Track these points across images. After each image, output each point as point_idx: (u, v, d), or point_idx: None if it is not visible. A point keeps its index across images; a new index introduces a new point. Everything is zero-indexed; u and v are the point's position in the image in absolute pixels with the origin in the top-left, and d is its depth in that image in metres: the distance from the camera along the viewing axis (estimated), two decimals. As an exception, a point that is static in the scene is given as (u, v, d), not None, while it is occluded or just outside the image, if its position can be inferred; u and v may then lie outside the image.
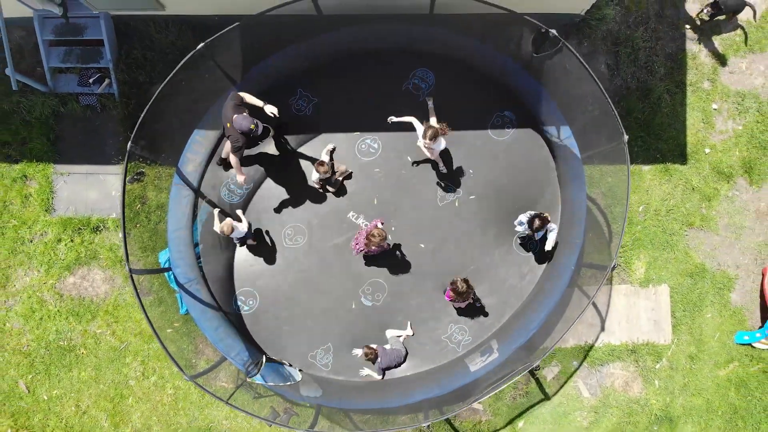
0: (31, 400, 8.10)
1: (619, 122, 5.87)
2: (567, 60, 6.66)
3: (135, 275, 6.05)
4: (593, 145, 6.74)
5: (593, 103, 7.34)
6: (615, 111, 5.87)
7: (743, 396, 7.98)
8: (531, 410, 7.75)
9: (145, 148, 7.41)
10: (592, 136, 7.05)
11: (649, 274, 7.86)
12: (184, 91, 7.12)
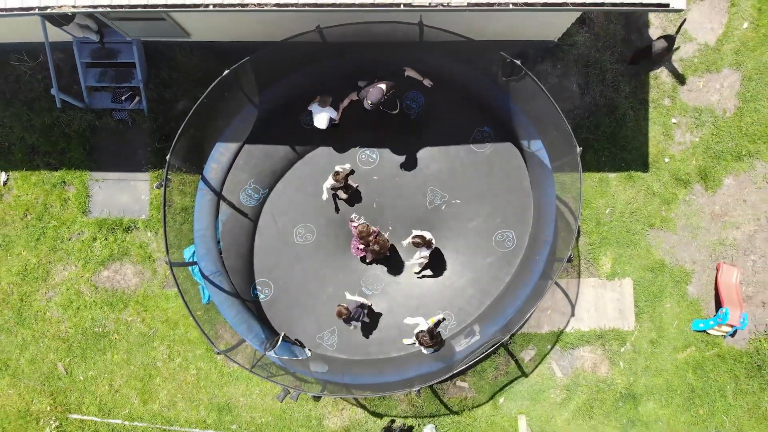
0: (69, 380, 9.49)
1: (572, 137, 7.24)
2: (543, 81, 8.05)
3: (174, 267, 7.41)
4: (563, 155, 8.10)
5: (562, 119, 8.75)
6: (569, 127, 7.24)
7: (699, 377, 9.35)
8: (510, 388, 9.14)
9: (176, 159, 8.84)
10: (563, 147, 8.42)
11: (615, 269, 9.25)
12: (205, 108, 8.49)
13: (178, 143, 7.48)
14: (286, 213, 8.67)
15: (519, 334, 9.12)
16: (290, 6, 6.21)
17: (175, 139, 7.44)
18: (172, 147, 7.40)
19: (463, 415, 9.13)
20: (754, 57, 9.51)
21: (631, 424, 9.27)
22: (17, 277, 9.50)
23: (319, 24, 7.20)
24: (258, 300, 8.56)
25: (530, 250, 8.30)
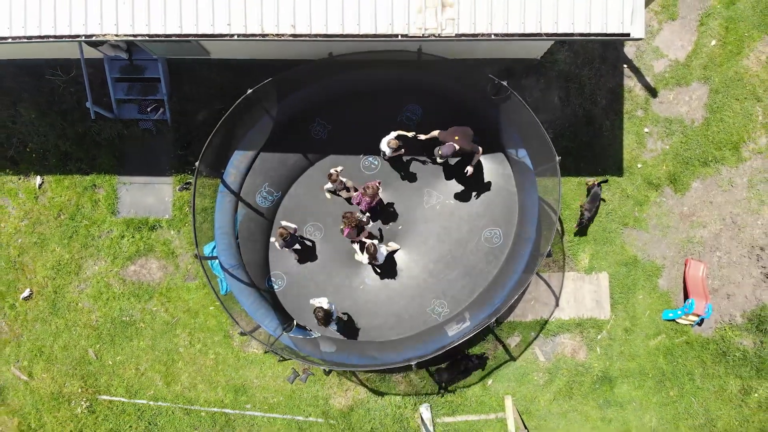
0: (99, 365, 10.70)
1: (552, 147, 8.46)
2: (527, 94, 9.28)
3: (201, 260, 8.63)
4: (544, 162, 9.30)
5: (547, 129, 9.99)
6: (549, 139, 8.46)
7: (669, 362, 10.58)
8: (498, 371, 10.36)
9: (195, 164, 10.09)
10: (545, 155, 9.63)
11: (592, 264, 10.47)
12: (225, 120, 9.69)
13: (204, 154, 8.69)
14: (297, 213, 9.89)
15: (506, 322, 10.36)
16: (304, 36, 7.43)
17: (203, 150, 8.66)
18: (200, 156, 8.61)
19: (456, 396, 10.35)
20: (721, 72, 10.74)
21: (607, 404, 10.49)
22: (52, 271, 10.72)
23: (331, 51, 8.41)
24: (273, 290, 9.80)
25: (515, 246, 9.53)
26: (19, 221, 10.80)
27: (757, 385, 10.60)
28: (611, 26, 7.47)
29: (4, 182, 10.84)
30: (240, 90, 9.25)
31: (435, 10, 7.32)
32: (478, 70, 8.80)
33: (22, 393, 10.85)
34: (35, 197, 10.77)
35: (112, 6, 7.48)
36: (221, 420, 10.50)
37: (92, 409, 10.68)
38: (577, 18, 7.43)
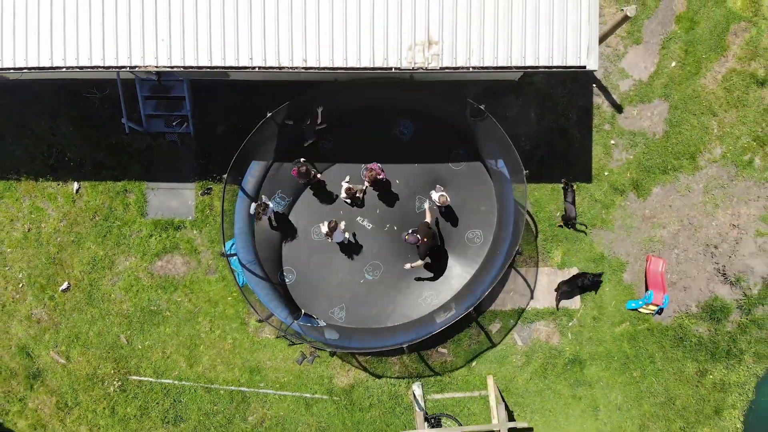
0: (129, 349, 12.40)
1: (520, 162, 10.14)
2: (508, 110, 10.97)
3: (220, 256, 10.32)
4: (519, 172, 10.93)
5: (523, 143, 11.73)
6: (517, 153, 10.14)
7: (633, 346, 12.27)
8: (481, 354, 12.07)
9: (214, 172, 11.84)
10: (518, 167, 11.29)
11: (564, 260, 12.18)
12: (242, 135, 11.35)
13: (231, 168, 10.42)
14: (306, 216, 11.60)
15: (487, 311, 12.06)
16: (314, 68, 9.12)
17: (230, 164, 10.41)
18: (229, 166, 10.31)
19: (444, 376, 12.07)
20: (680, 90, 12.42)
21: (577, 383, 12.19)
22: (87, 267, 12.42)
23: (336, 78, 10.10)
24: (284, 283, 11.51)
25: (494, 245, 11.22)
26: (58, 222, 12.51)
27: (712, 367, 12.29)
28: (570, 60, 9.16)
29: (45, 187, 12.54)
30: (255, 107, 10.99)
31: (422, 47, 9.01)
32: (460, 93, 10.49)
33: (59, 375, 12.54)
34: (73, 201, 12.47)
35: (152, 42, 9.18)
36: (238, 397, 12.21)
37: (123, 388, 12.38)
38: (541, 53, 9.12)
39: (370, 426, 12.05)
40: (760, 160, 12.45)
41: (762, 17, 12.61)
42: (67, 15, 9.27)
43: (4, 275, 12.60)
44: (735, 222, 12.34)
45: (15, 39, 9.40)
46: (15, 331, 12.58)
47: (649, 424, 12.32)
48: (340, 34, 9.01)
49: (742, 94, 12.42)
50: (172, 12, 9.10)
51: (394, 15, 8.99)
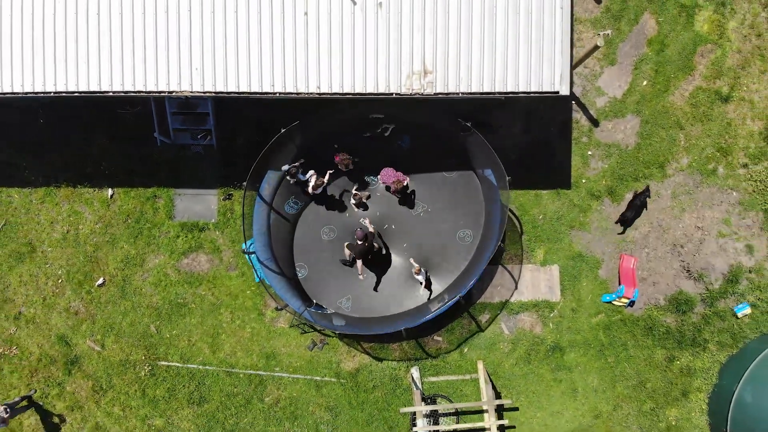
0: (158, 337, 14.19)
1: (503, 170, 11.90)
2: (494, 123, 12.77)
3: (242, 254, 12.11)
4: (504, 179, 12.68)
5: (510, 154, 13.51)
6: (501, 163, 11.90)
7: (607, 335, 14.03)
8: (471, 341, 13.85)
9: (235, 179, 13.62)
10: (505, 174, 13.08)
11: (546, 258, 13.95)
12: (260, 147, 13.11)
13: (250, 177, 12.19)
14: (316, 219, 13.40)
15: (477, 303, 13.86)
16: (326, 94, 10.90)
17: (249, 173, 12.20)
18: (248, 176, 12.10)
19: (439, 361, 13.86)
20: (651, 106, 14.17)
21: (558, 368, 13.96)
22: (121, 264, 14.21)
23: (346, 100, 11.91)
24: (297, 278, 13.31)
25: (482, 244, 13.01)
26: (94, 224, 14.30)
27: (679, 354, 14.05)
28: (545, 86, 10.93)
29: (82, 193, 14.34)
30: (271, 123, 12.77)
31: (419, 76, 10.79)
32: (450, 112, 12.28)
33: (95, 361, 14.34)
34: (107, 205, 14.26)
35: (188, 72, 10.97)
36: (255, 380, 14.00)
37: (153, 372, 14.17)
38: (521, 81, 10.90)
39: (374, 405, 13.85)
40: (723, 169, 14.20)
41: (726, 39, 14.35)
42: (113, 48, 11.04)
43: (45, 272, 14.40)
44: (699, 224, 14.10)
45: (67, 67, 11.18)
46: (55, 322, 14.38)
47: (623, 404, 14.08)
48: (349, 65, 10.79)
49: (707, 109, 14.16)
50: (205, 46, 10.89)
51: (395, 49, 10.78)
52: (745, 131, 14.16)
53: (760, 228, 14.07)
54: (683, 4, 14.30)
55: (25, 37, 11.19)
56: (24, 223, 14.43)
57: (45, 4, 11.11)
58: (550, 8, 10.77)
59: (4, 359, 14.51)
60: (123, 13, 10.97)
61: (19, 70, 11.28)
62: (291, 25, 10.78)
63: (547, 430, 13.99)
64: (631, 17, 14.25)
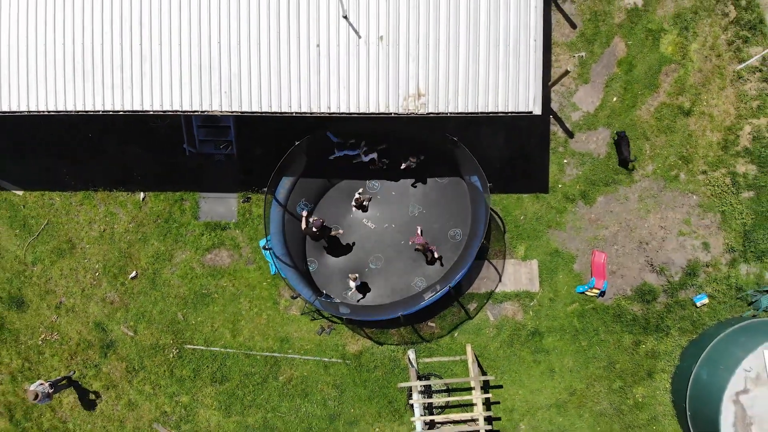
0: (185, 324, 16.46)
1: (485, 177, 14.16)
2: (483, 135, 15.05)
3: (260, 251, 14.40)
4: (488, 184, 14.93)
5: (494, 162, 15.78)
6: (483, 171, 14.17)
7: (581, 322, 16.30)
8: (461, 326, 16.14)
9: (253, 184, 15.89)
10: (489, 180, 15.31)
11: (526, 254, 16.24)
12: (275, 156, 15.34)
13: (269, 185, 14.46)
14: (325, 218, 15.68)
15: (466, 293, 16.14)
16: (335, 113, 13.16)
17: (269, 180, 14.49)
18: (268, 183, 14.37)
19: (432, 344, 16.16)
20: (620, 120, 16.44)
21: (537, 350, 16.24)
22: (152, 259, 16.48)
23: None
24: (309, 271, 15.60)
25: (469, 241, 15.28)
26: (128, 224, 16.57)
27: (644, 339, 16.30)
28: (521, 107, 13.20)
29: (117, 197, 16.60)
30: (285, 135, 15.03)
31: (414, 98, 13.07)
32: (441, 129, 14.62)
33: (128, 345, 16.60)
34: (139, 207, 16.53)
35: (218, 95, 13.25)
36: (271, 361, 16.28)
37: (180, 355, 16.44)
38: (500, 103, 13.18)
39: (375, 383, 16.13)
40: (684, 175, 16.46)
41: (689, 60, 16.61)
42: (153, 74, 13.32)
43: (83, 266, 16.68)
44: (662, 224, 16.37)
45: (114, 91, 13.45)
46: (92, 311, 16.65)
47: (595, 383, 16.33)
48: (354, 88, 13.07)
49: (670, 122, 16.44)
50: (232, 72, 13.16)
51: (393, 75, 13.05)
52: (705, 142, 16.43)
53: (717, 228, 16.35)
54: (650, 29, 16.57)
55: (77, 64, 13.44)
56: (65, 222, 16.70)
57: (94, 37, 13.34)
58: (525, 41, 13.04)
59: (46, 344, 16.78)
60: (162, 44, 13.23)
61: (71, 92, 13.54)
62: (306, 55, 13.05)
63: (527, 405, 16.28)
64: (603, 41, 16.53)
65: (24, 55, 13.51)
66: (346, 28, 12.94)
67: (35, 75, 13.54)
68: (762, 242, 16.20)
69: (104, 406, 16.71)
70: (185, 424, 16.49)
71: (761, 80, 16.41)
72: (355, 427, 16.21)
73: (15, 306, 16.72)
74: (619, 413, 16.25)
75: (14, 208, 16.76)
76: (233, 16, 13.04)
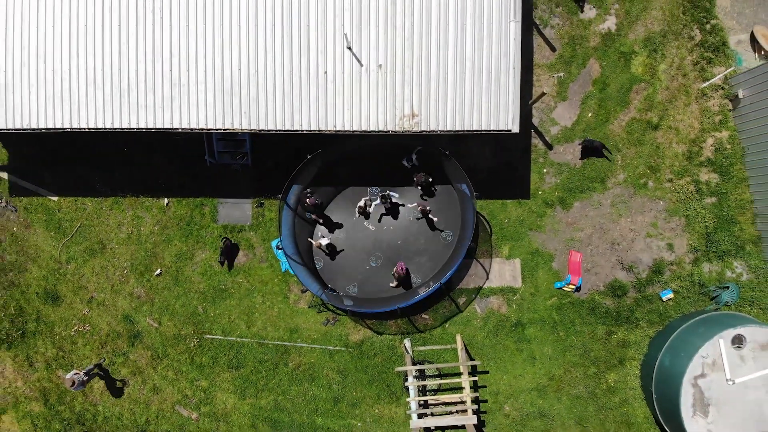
0: (204, 316, 18.85)
1: (471, 186, 16.54)
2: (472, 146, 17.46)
3: (276, 250, 16.81)
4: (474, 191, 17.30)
5: (481, 172, 18.17)
6: (469, 180, 16.55)
7: (559, 315, 18.69)
8: (452, 318, 18.53)
9: (265, 191, 18.28)
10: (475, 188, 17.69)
11: (510, 253, 18.63)
12: (287, 166, 17.75)
13: (283, 192, 16.84)
14: (327, 222, 18.07)
15: (456, 289, 18.52)
16: (340, 131, 15.55)
17: (284, 188, 16.86)
18: (282, 191, 16.75)
19: (426, 334, 18.55)
20: (594, 133, 18.83)
21: (520, 340, 18.62)
22: (175, 258, 18.87)
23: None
24: (316, 268, 17.98)
25: (459, 243, 17.66)
26: (153, 226, 18.95)
27: (616, 330, 18.68)
28: (501, 126, 15.60)
29: (143, 202, 18.99)
30: (296, 148, 17.42)
31: (408, 118, 15.46)
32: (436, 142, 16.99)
33: (153, 335, 18.98)
34: (164, 211, 18.92)
35: (238, 115, 15.65)
36: (281, 349, 18.67)
37: (200, 344, 18.82)
38: (483, 122, 15.58)
39: (375, 369, 18.53)
40: (652, 183, 18.84)
41: (657, 79, 19.00)
42: (182, 96, 15.70)
43: (113, 264, 19.07)
44: (632, 227, 18.75)
45: (147, 111, 15.83)
46: (121, 305, 19.03)
47: (571, 369, 18.72)
48: (357, 109, 15.46)
49: (640, 135, 18.82)
50: (251, 95, 15.56)
51: (391, 98, 15.46)
52: (671, 153, 18.82)
53: (682, 230, 18.74)
54: (622, 51, 18.97)
55: (114, 88, 15.83)
56: (96, 225, 19.09)
57: (129, 64, 15.72)
58: (505, 69, 15.44)
59: (78, 335, 19.16)
60: (189, 71, 15.62)
61: (110, 112, 15.93)
62: (315, 81, 15.46)
63: (511, 389, 18.67)
64: (580, 62, 18.93)
65: (67, 80, 15.90)
66: (350, 58, 15.32)
67: (77, 97, 15.93)
68: (723, 243, 18.58)
69: (131, 390, 19.08)
70: (204, 406, 18.88)
71: (723, 97, 18.79)
72: (357, 408, 18.61)
73: (50, 300, 19.09)
74: (593, 396, 18.64)
75: (50, 212, 19.14)
76: (251, 47, 15.44)
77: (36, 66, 15.88)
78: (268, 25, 15.36)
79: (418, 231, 18.20)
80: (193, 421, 18.86)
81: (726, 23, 19.06)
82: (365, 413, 18.61)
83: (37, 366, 19.19)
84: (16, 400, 19.21)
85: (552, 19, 18.95)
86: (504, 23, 15.33)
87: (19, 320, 19.11)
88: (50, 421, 19.18)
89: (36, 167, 19.11)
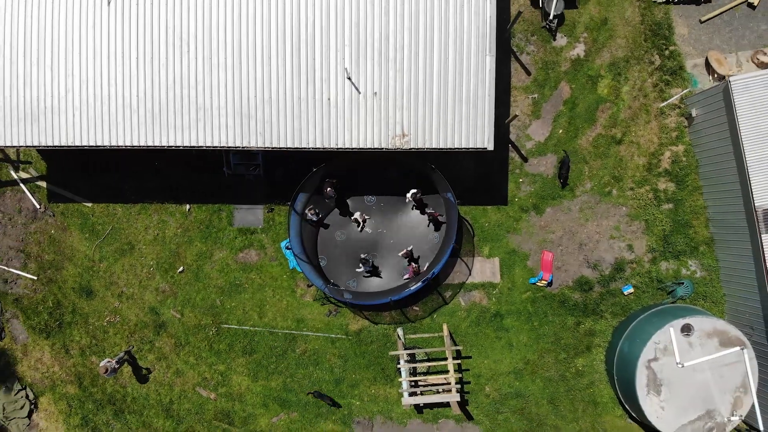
0: (222, 308, 22.12)
1: (455, 198, 19.80)
2: (455, 161, 20.75)
3: (287, 251, 20.09)
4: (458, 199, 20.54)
5: (464, 182, 21.44)
6: (452, 191, 19.79)
7: (534, 307, 21.94)
8: (439, 310, 21.79)
9: (276, 198, 21.56)
10: (459, 197, 20.92)
11: (490, 253, 21.89)
12: (294, 177, 20.99)
13: (292, 200, 20.12)
14: (332, 226, 21.29)
15: (443, 284, 21.75)
16: (342, 148, 18.81)
17: (293, 196, 20.11)
18: (291, 200, 20.03)
19: (416, 323, 21.81)
20: (565, 147, 22.04)
21: (498, 329, 21.88)
22: (195, 257, 22.13)
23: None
24: (320, 265, 21.26)
25: (445, 243, 20.91)
26: (176, 229, 22.20)
27: (584, 320, 21.93)
28: (479, 144, 18.84)
29: (167, 208, 22.24)
30: (303, 161, 20.69)
31: (400, 137, 18.71)
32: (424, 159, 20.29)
33: (176, 325, 22.23)
34: (186, 216, 22.17)
35: (254, 135, 18.88)
36: (289, 337, 21.92)
37: (218, 333, 22.08)
38: (463, 141, 18.82)
39: (372, 354, 21.80)
40: (615, 191, 22.07)
41: (621, 99, 22.22)
42: (206, 118, 18.95)
43: (141, 263, 22.31)
44: (597, 230, 21.99)
45: (176, 131, 19.09)
46: (147, 298, 22.28)
47: (545, 355, 21.95)
48: (356, 130, 18.72)
49: (605, 149, 22.05)
50: (266, 118, 18.81)
51: (384, 120, 18.71)
52: (633, 164, 22.04)
53: (642, 233, 21.98)
54: (590, 75, 22.21)
55: (147, 110, 19.04)
56: (125, 228, 22.33)
57: (161, 90, 18.94)
58: (482, 96, 18.69)
59: (110, 325, 22.39)
60: (212, 97, 18.86)
61: (143, 132, 19.13)
62: (320, 106, 18.71)
63: (491, 372, 21.93)
64: (552, 85, 22.17)
65: (106, 104, 19.11)
66: (349, 87, 18.58)
67: (115, 119, 19.15)
68: (679, 244, 21.81)
69: (157, 374, 22.31)
70: (222, 387, 22.14)
71: (679, 115, 22.00)
72: (356, 389, 21.88)
73: (85, 295, 22.32)
74: (563, 379, 21.89)
75: (84, 216, 22.38)
76: (266, 76, 18.69)
77: (79, 92, 19.09)
78: (280, 58, 18.62)
79: (409, 233, 21.45)
80: (212, 400, 22.10)
81: (683, 49, 22.26)
82: (363, 393, 21.88)
83: (73, 353, 22.39)
84: (53, 384, 22.42)
85: (528, 46, 22.17)
86: (481, 56, 18.58)
87: (57, 312, 22.32)
88: (84, 402, 22.39)
89: (72, 177, 22.34)
